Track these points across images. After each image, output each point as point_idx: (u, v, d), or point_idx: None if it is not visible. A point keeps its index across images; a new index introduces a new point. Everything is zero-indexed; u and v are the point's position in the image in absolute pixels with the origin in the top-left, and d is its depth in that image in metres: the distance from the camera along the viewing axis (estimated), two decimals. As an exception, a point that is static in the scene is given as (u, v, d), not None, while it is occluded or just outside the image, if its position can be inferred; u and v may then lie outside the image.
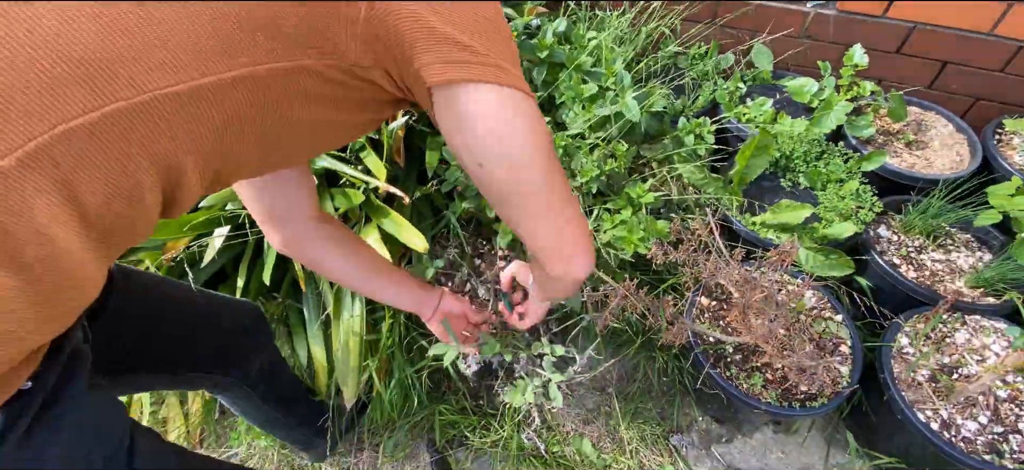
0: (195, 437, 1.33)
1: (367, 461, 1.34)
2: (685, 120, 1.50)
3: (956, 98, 1.73)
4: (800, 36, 1.79)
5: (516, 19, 1.52)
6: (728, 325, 1.29)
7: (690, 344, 1.22)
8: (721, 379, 1.18)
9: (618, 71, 1.36)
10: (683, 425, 1.39)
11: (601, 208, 1.33)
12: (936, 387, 1.16)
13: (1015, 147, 1.57)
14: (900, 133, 1.66)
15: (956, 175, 1.48)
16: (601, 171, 1.28)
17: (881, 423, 1.23)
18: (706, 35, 1.88)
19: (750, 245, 1.38)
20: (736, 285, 1.14)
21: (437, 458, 1.30)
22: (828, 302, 1.34)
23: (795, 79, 1.71)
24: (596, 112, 1.34)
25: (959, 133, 1.66)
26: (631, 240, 1.24)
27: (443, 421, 1.35)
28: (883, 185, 1.51)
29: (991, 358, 1.21)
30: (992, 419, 1.12)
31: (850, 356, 1.23)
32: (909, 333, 1.26)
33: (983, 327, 1.27)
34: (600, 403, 1.43)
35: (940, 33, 1.60)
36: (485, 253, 1.42)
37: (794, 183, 1.56)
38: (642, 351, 1.46)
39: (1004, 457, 1.06)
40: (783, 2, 1.74)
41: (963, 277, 1.36)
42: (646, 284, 1.39)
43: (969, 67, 1.64)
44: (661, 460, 1.33)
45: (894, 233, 1.47)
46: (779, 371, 1.20)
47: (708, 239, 1.15)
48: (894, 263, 1.38)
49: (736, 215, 1.44)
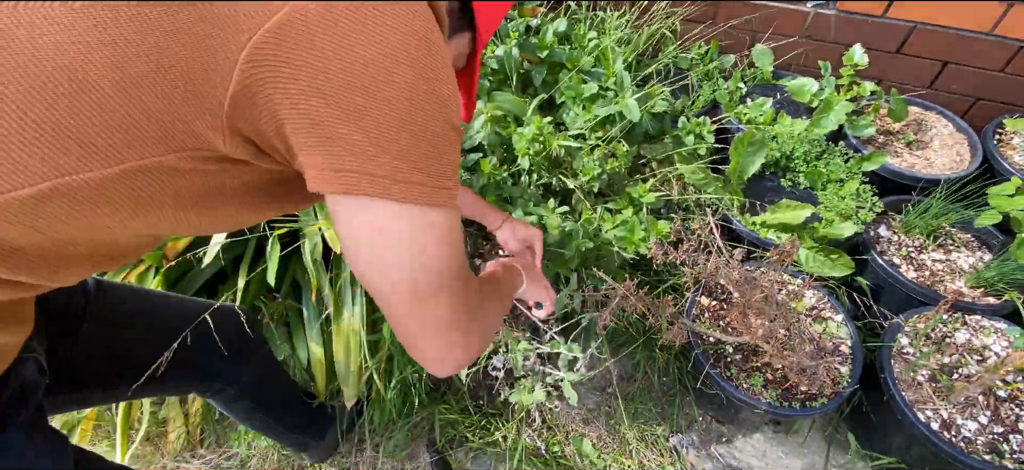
0: (195, 437, 1.33)
1: (367, 461, 1.34)
2: (685, 120, 1.50)
3: (956, 98, 1.73)
4: (800, 36, 1.79)
5: (516, 19, 1.52)
6: (728, 325, 1.29)
7: (690, 344, 1.22)
8: (721, 379, 1.18)
9: (618, 71, 1.36)
10: (683, 425, 1.39)
11: (602, 208, 1.33)
12: (936, 387, 1.16)
13: (1015, 147, 1.57)
14: (900, 133, 1.66)
15: (956, 175, 1.48)
16: (602, 170, 1.28)
17: (881, 423, 1.23)
18: (707, 36, 1.88)
19: (750, 245, 1.38)
20: (736, 285, 1.14)
21: (437, 458, 1.30)
22: (828, 302, 1.34)
23: (795, 79, 1.71)
24: (596, 112, 1.34)
25: (959, 133, 1.66)
26: (632, 240, 1.24)
27: (443, 421, 1.35)
28: (883, 185, 1.51)
29: (991, 358, 1.21)
30: (992, 419, 1.12)
31: (850, 356, 1.23)
32: (909, 333, 1.26)
33: (983, 327, 1.27)
34: (600, 403, 1.43)
35: (940, 33, 1.60)
36: (486, 252, 1.42)
37: (794, 183, 1.56)
38: (642, 351, 1.46)
39: (1004, 457, 1.06)
40: (783, 2, 1.74)
41: (963, 277, 1.36)
42: (646, 284, 1.39)
43: (969, 67, 1.64)
44: (661, 460, 1.33)
45: (894, 233, 1.47)
46: (779, 371, 1.20)
47: (708, 239, 1.15)
48: (894, 263, 1.38)
49: (736, 215, 1.44)
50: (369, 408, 1.33)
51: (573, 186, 1.32)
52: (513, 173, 1.34)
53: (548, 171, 1.38)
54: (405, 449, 1.35)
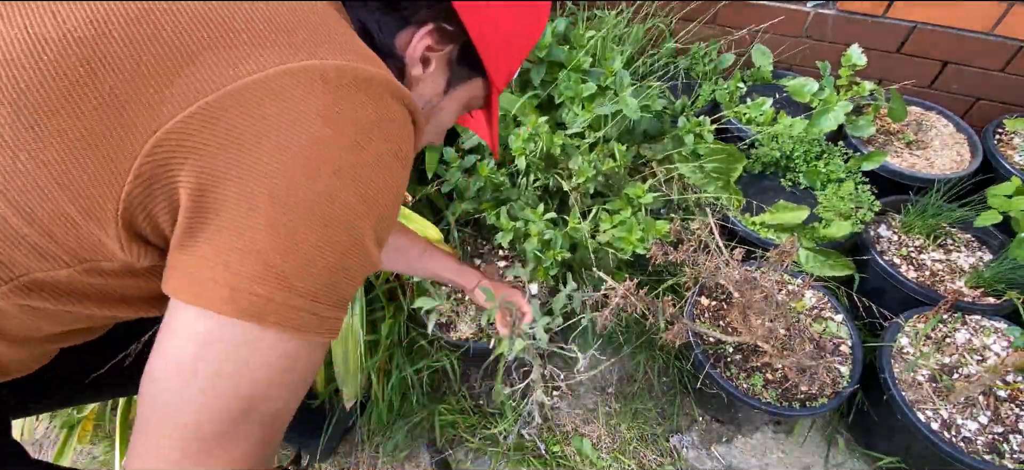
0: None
1: (367, 461, 1.34)
2: (685, 120, 1.50)
3: (956, 98, 1.73)
4: (800, 36, 1.79)
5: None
6: (728, 325, 1.29)
7: (690, 344, 1.22)
8: (721, 379, 1.18)
9: (617, 70, 1.36)
10: (683, 425, 1.39)
11: (600, 208, 1.33)
12: (936, 387, 1.16)
13: (1015, 147, 1.57)
14: (900, 133, 1.66)
15: (957, 175, 1.48)
16: (597, 172, 1.28)
17: (881, 423, 1.23)
18: (706, 35, 1.88)
19: (750, 245, 1.38)
20: (736, 285, 1.13)
21: (437, 458, 1.30)
22: (828, 302, 1.33)
23: (795, 79, 1.71)
24: (595, 111, 1.34)
25: (959, 133, 1.66)
26: (630, 240, 1.24)
27: (443, 421, 1.35)
28: (883, 185, 1.50)
29: (991, 358, 1.21)
30: (992, 419, 1.12)
31: (850, 356, 1.23)
32: (909, 333, 1.26)
33: (983, 327, 1.27)
34: (600, 403, 1.43)
35: (940, 33, 1.60)
36: (485, 253, 1.42)
37: (794, 183, 1.56)
38: (642, 351, 1.46)
39: (1004, 457, 1.06)
40: (783, 2, 1.74)
41: (963, 277, 1.36)
42: (646, 284, 1.39)
43: (969, 67, 1.64)
44: (661, 460, 1.33)
45: (894, 233, 1.47)
46: (779, 371, 1.20)
47: (708, 239, 1.15)
48: (894, 263, 1.38)
49: (736, 215, 1.44)
50: (368, 408, 1.33)
51: (568, 188, 1.32)
52: (510, 174, 1.34)
53: (544, 172, 1.38)
54: (405, 449, 1.35)
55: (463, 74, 0.54)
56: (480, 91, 0.57)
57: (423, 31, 0.47)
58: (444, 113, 0.57)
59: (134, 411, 1.27)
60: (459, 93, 0.56)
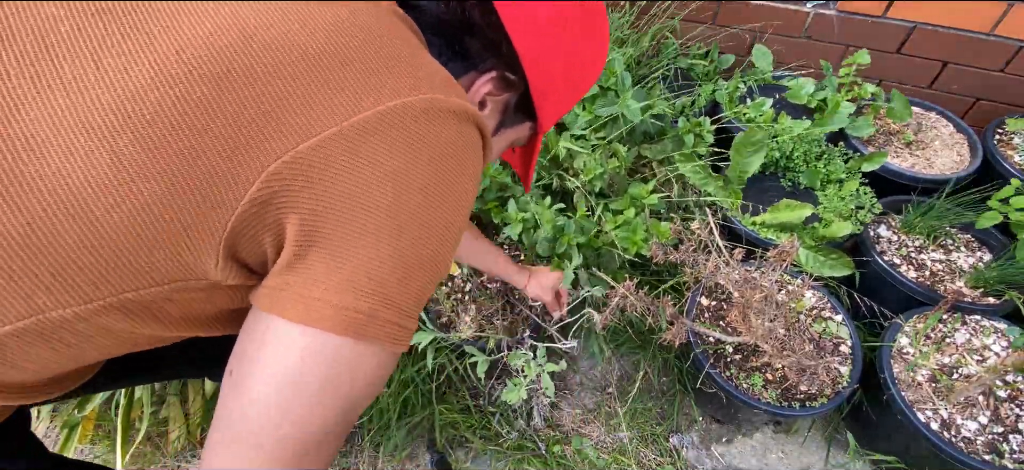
0: (196, 437, 1.33)
1: (367, 461, 1.34)
2: (685, 120, 1.50)
3: (956, 98, 1.73)
4: (800, 36, 1.79)
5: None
6: (728, 325, 1.29)
7: (690, 344, 1.22)
8: (721, 379, 1.18)
9: (619, 72, 1.36)
10: (683, 425, 1.39)
11: (603, 208, 1.34)
12: (936, 387, 1.16)
13: (1016, 147, 1.57)
14: (901, 133, 1.66)
15: (957, 175, 1.48)
16: (604, 169, 1.29)
17: (881, 423, 1.23)
18: (707, 36, 1.88)
19: (750, 245, 1.38)
20: (736, 285, 1.14)
21: (437, 458, 1.30)
22: (828, 302, 1.34)
23: (795, 79, 1.71)
24: (597, 112, 1.35)
25: (960, 133, 1.66)
26: (634, 240, 1.24)
27: (443, 421, 1.35)
28: (884, 185, 1.51)
29: (991, 358, 1.21)
30: (992, 419, 1.12)
31: (850, 356, 1.23)
32: (909, 333, 1.26)
33: (983, 327, 1.27)
34: (600, 403, 1.43)
35: (940, 33, 1.60)
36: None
37: (794, 183, 1.56)
38: (642, 351, 1.46)
39: (1004, 457, 1.06)
40: (783, 2, 1.74)
41: (963, 277, 1.36)
42: (646, 284, 1.39)
43: (969, 67, 1.64)
44: (661, 460, 1.33)
45: (894, 233, 1.47)
46: (779, 371, 1.20)
47: (708, 239, 1.15)
48: (894, 263, 1.38)
49: (736, 215, 1.44)
50: (368, 408, 1.33)
51: (573, 186, 1.32)
52: (514, 174, 1.35)
53: (548, 171, 1.38)
54: (405, 449, 1.35)
55: (516, 119, 0.58)
56: (526, 132, 0.61)
57: (486, 77, 0.50)
58: (491, 152, 0.60)
59: (135, 411, 1.27)
60: (508, 133, 0.59)
